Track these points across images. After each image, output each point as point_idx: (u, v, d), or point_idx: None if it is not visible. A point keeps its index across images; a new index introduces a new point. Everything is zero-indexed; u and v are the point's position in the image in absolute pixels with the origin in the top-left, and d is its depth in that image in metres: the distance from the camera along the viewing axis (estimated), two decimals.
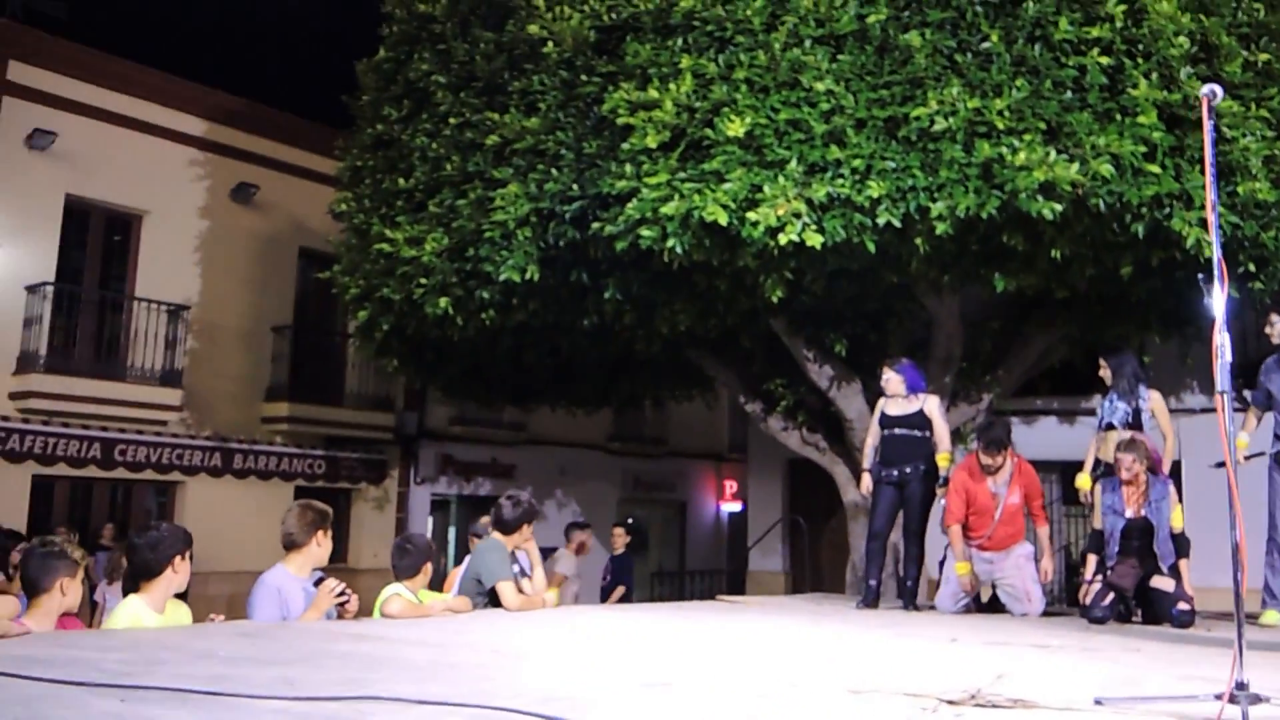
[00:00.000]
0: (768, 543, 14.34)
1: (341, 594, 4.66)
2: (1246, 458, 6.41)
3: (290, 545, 4.91)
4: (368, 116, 9.97)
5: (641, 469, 19.62)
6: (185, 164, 14.28)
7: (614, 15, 7.87)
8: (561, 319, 9.53)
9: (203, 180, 14.45)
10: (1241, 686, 2.70)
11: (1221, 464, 6.68)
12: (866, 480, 7.41)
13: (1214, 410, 11.17)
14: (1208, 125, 3.03)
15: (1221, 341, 2.96)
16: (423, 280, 8.78)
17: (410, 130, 9.22)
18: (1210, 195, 3.00)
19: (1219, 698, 2.71)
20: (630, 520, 19.54)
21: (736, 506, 20.24)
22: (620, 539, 11.16)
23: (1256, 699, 2.67)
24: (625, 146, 7.24)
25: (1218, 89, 3.12)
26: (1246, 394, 2.78)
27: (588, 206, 7.77)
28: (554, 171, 7.93)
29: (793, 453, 11.27)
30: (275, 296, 15.06)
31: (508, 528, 5.79)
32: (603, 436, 18.70)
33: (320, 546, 4.97)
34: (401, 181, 9.17)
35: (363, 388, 15.65)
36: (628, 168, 7.22)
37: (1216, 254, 2.97)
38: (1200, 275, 6.71)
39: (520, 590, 5.65)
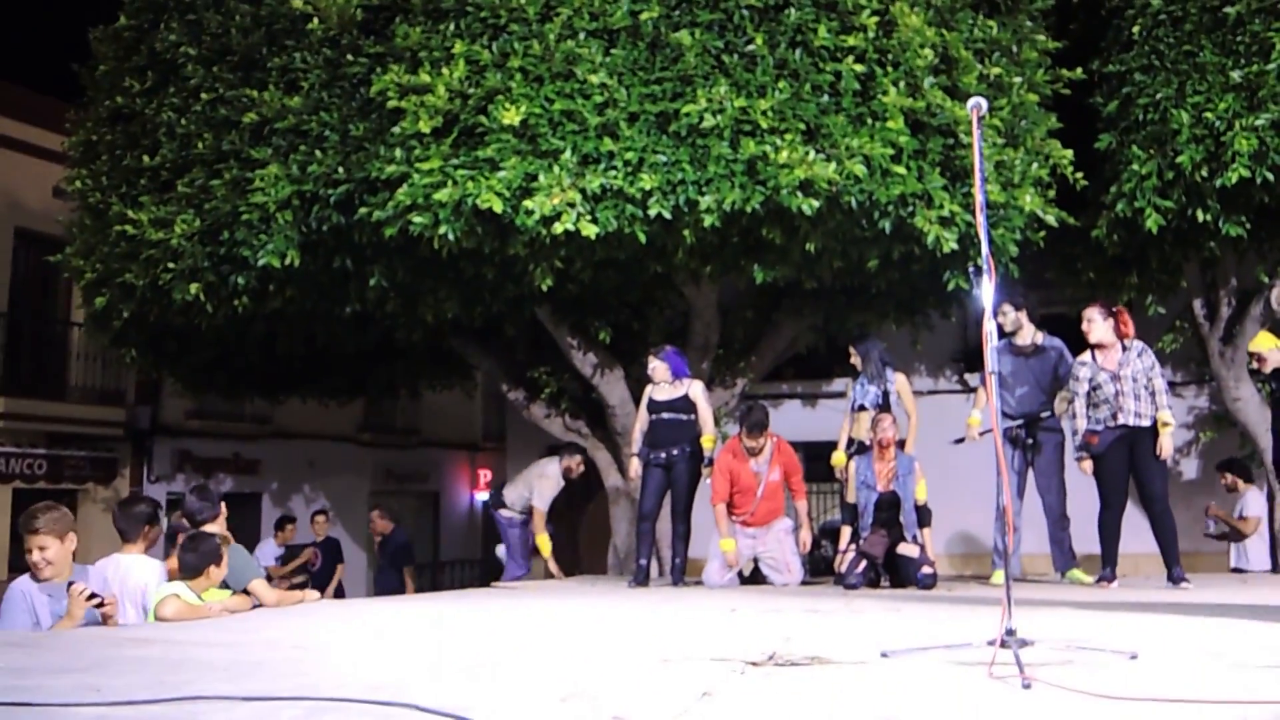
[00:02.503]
0: None
1: (91, 596, 4.41)
2: (980, 434, 7.11)
3: None
4: (104, 88, 9.24)
5: (393, 460, 19.25)
6: None
7: None
8: (320, 306, 9.22)
9: None
10: (1011, 633, 3.04)
11: (960, 440, 7.42)
12: (635, 464, 7.68)
13: (939, 392, 12.25)
14: (977, 133, 3.36)
15: (991, 329, 3.30)
16: (170, 265, 8.25)
17: (155, 104, 8.61)
18: (979, 196, 3.33)
19: (992, 643, 3.04)
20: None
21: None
22: (322, 525, 12.06)
23: (1024, 642, 3.01)
24: (395, 130, 7.10)
25: (983, 101, 3.47)
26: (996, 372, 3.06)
27: (354, 190, 7.57)
28: (318, 153, 7.65)
29: (552, 440, 11.40)
30: None
31: (213, 515, 5.70)
32: (353, 428, 18.20)
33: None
34: (146, 159, 8.57)
35: (89, 380, 14.51)
36: (398, 152, 7.09)
37: (985, 250, 3.31)
38: (971, 268, 7.31)
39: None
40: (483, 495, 20.76)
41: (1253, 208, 8.05)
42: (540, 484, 9.01)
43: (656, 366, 7.60)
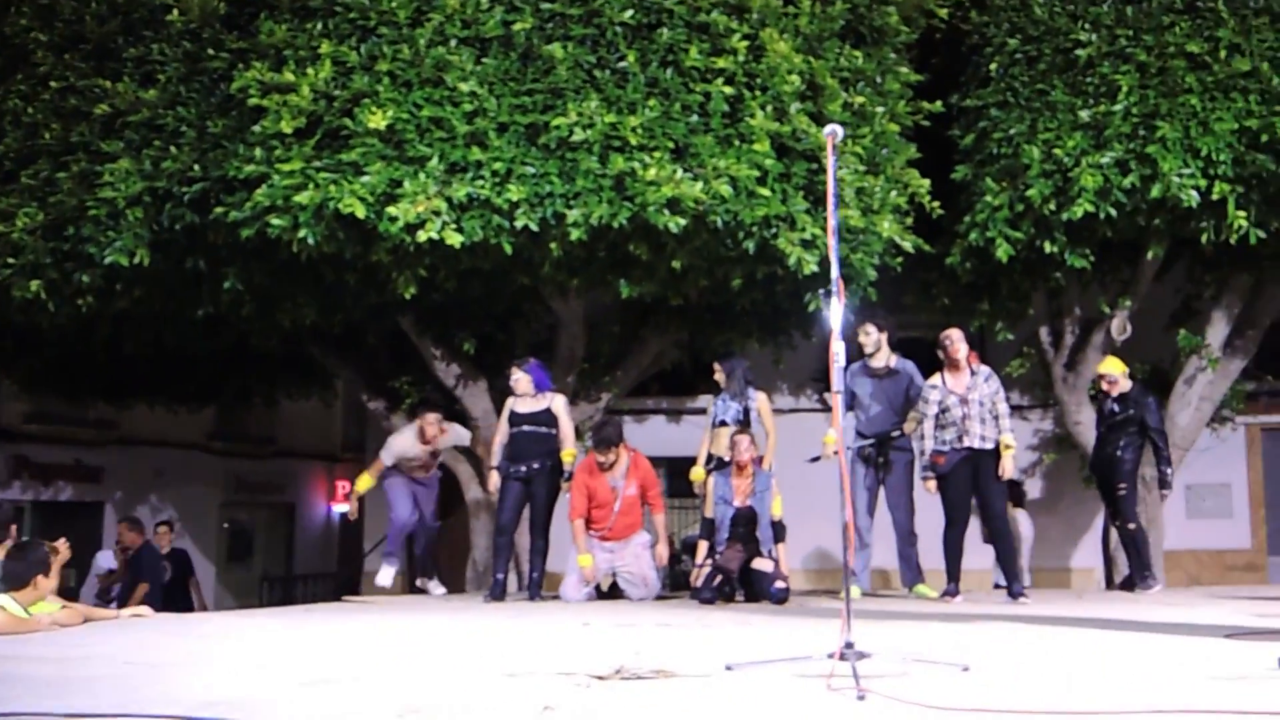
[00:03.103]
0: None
1: None
2: (835, 452, 7.27)
3: None
4: None
5: (247, 470, 18.58)
6: None
7: None
8: (170, 308, 8.90)
9: None
10: (850, 646, 3.11)
11: (816, 459, 7.58)
12: (495, 477, 7.61)
13: (800, 411, 12.49)
14: (831, 160, 3.45)
15: (838, 349, 3.38)
16: (10, 260, 7.83)
17: (1, 91, 8.22)
18: (831, 220, 3.41)
19: (831, 656, 3.11)
20: (226, 525, 18.52)
21: (349, 508, 19.75)
22: (166, 537, 10.97)
23: (862, 655, 3.09)
24: (256, 129, 6.90)
25: (838, 128, 3.56)
26: (842, 390, 3.18)
27: (210, 189, 7.32)
28: (173, 149, 7.38)
29: None
30: None
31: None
32: (203, 436, 17.49)
33: None
34: None
35: None
36: (258, 151, 6.89)
37: (835, 272, 3.39)
38: (821, 291, 7.47)
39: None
40: (340, 507, 20.25)
41: (1096, 241, 8.44)
42: (393, 438, 8.39)
43: (520, 378, 7.56)
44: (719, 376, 7.71)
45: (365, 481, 8.41)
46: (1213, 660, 3.53)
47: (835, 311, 3.40)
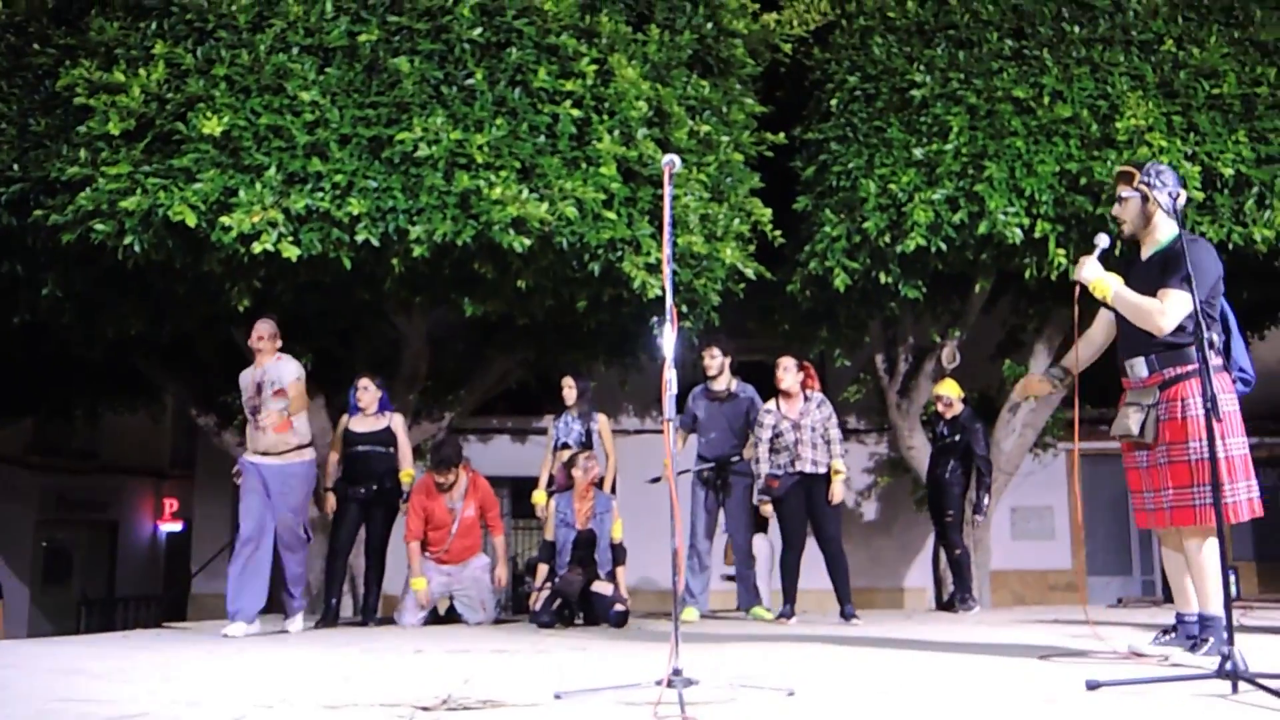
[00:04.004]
0: (215, 565, 13.60)
1: None
2: (678, 474, 7.33)
3: None
4: None
5: (66, 485, 17.64)
6: None
7: None
8: None
9: None
10: (678, 673, 3.12)
11: (657, 479, 7.63)
12: (331, 499, 7.41)
13: (645, 432, 12.57)
14: (668, 190, 3.48)
15: (670, 376, 3.41)
16: None
17: None
18: (666, 249, 3.44)
19: (659, 683, 3.11)
20: (43, 544, 17.53)
21: (178, 527, 18.93)
22: None
23: (689, 682, 3.11)
24: (81, 129, 6.58)
25: (676, 159, 3.60)
26: (673, 418, 3.22)
27: (30, 190, 6.96)
28: None
29: None
30: None
31: None
32: (20, 449, 16.54)
33: None
34: None
35: None
36: (83, 153, 6.57)
37: (669, 301, 3.42)
38: (655, 318, 7.52)
39: None
40: (169, 526, 19.41)
41: (928, 273, 8.78)
42: None
43: (369, 388, 7.41)
44: (569, 392, 7.65)
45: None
46: (1027, 682, 3.67)
47: (668, 338, 3.42)
